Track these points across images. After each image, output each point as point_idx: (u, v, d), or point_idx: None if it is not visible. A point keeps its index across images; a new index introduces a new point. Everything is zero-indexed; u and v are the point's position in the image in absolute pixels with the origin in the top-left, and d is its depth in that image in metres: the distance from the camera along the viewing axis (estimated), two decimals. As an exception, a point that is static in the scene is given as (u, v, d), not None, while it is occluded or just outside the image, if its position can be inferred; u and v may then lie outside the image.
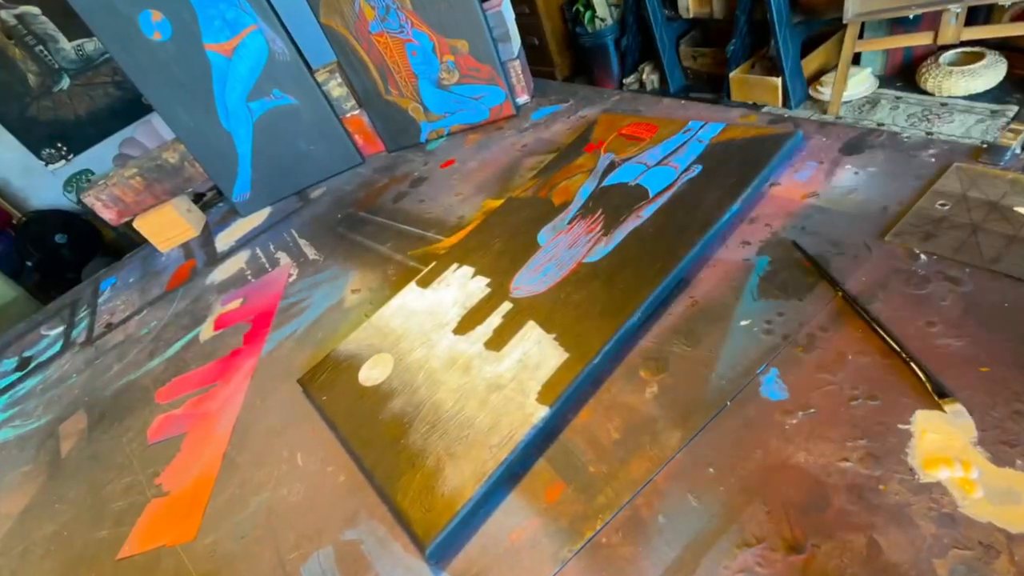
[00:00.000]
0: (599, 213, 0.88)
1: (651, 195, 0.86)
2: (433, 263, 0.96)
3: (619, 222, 0.84)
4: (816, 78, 2.13)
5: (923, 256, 0.63)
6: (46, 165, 2.82)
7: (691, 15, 2.36)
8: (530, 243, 0.90)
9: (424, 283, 0.93)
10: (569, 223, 0.90)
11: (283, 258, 1.23)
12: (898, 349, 0.55)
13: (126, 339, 1.22)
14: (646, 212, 0.83)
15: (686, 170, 0.87)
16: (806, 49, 2.12)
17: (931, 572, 0.43)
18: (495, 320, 0.79)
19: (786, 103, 2.12)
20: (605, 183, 0.94)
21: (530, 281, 0.83)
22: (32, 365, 1.30)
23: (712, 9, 2.28)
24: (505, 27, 1.23)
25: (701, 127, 0.95)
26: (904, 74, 2.06)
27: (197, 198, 1.69)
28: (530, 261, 0.86)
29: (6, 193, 2.82)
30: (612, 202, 0.89)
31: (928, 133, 1.01)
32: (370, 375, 0.81)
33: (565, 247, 0.85)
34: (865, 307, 0.60)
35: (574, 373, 0.67)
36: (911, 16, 1.70)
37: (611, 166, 0.97)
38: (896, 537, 0.44)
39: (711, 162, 0.86)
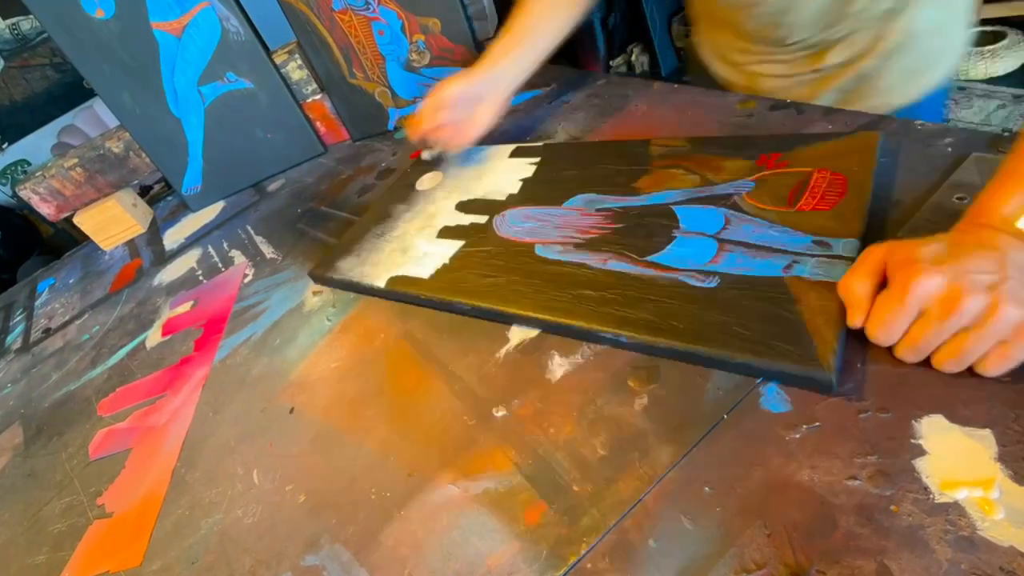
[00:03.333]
0: (631, 229, 0.77)
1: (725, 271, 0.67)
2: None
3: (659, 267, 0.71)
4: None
5: (937, 254, 0.62)
6: (-23, 156, 2.79)
7: (684, -9, 2.36)
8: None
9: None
10: (603, 210, 0.82)
11: (238, 257, 1.21)
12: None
13: (66, 345, 1.20)
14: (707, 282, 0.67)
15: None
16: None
17: (948, 601, 0.42)
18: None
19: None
20: (689, 208, 0.76)
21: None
22: (-39, 375, 1.28)
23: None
24: (481, 3, 1.22)
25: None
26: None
27: (144, 191, 1.67)
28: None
29: (-66, 186, 2.79)
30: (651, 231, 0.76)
31: (944, 120, 1.01)
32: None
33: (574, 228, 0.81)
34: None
35: None
36: None
37: (732, 204, 0.74)
38: (909, 562, 0.44)
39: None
